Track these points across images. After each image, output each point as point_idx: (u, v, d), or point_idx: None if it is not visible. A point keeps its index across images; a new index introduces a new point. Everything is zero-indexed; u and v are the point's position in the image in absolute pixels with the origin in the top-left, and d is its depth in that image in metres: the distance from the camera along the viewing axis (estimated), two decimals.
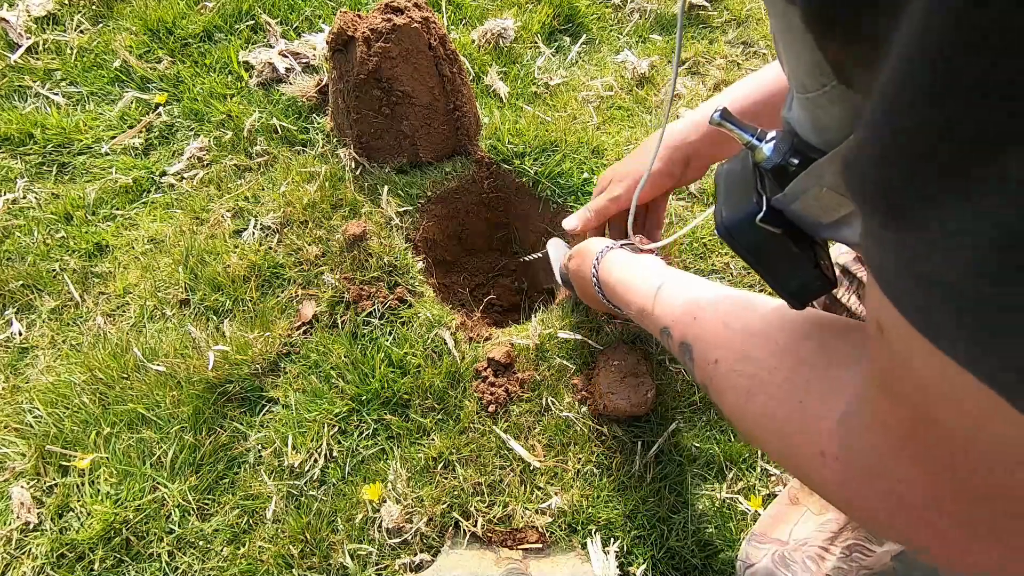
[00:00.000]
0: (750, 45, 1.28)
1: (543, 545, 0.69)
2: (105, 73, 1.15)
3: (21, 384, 0.84)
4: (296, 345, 0.82)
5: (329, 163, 0.98)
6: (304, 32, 1.18)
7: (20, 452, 0.77)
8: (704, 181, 0.97)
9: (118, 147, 1.07)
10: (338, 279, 0.85)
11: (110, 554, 0.70)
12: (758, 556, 0.65)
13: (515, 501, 0.71)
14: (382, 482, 0.72)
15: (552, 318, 0.83)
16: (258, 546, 0.70)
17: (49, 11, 1.22)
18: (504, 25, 1.15)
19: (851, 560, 0.61)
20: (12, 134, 1.08)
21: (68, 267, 0.94)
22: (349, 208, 0.92)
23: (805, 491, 0.70)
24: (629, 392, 0.73)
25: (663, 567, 0.68)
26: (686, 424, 0.76)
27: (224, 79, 1.12)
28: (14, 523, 0.72)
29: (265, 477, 0.73)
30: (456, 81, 0.94)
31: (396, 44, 0.85)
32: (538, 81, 1.12)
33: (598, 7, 1.29)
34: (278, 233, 0.91)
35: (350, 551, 0.69)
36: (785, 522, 0.67)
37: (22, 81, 1.14)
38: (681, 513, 0.70)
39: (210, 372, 0.79)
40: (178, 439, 0.76)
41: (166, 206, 1.00)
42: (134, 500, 0.73)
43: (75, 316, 0.90)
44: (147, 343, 0.84)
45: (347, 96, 0.92)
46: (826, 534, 0.64)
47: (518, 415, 0.76)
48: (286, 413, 0.77)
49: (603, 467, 0.73)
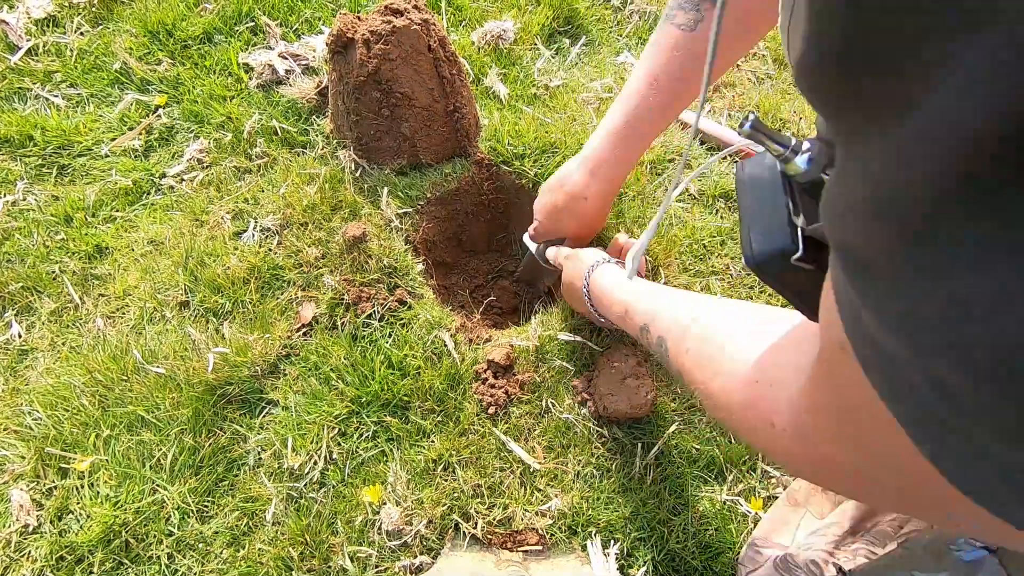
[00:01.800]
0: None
1: (543, 547, 0.69)
2: (105, 75, 1.15)
3: (21, 386, 0.84)
4: (296, 347, 0.82)
5: (329, 165, 0.98)
6: (304, 34, 1.18)
7: (20, 454, 0.77)
8: (704, 181, 0.97)
9: (118, 149, 1.07)
10: (338, 281, 0.85)
11: (109, 556, 0.70)
12: (760, 561, 0.64)
13: (515, 503, 0.71)
14: (382, 484, 0.72)
15: (552, 320, 0.83)
16: (258, 548, 0.69)
17: (49, 13, 1.22)
18: (504, 27, 1.15)
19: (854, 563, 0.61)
20: (12, 136, 1.08)
21: (68, 269, 0.94)
22: (349, 210, 0.92)
23: (805, 494, 0.70)
24: (629, 394, 0.73)
25: (663, 569, 0.68)
26: (686, 426, 0.75)
27: (224, 81, 1.12)
28: (13, 525, 0.72)
29: (265, 479, 0.73)
30: (456, 83, 0.94)
31: (396, 46, 0.86)
32: (538, 83, 1.12)
33: (598, 9, 1.29)
34: (278, 235, 0.91)
35: (350, 553, 0.69)
36: (786, 525, 0.67)
37: (22, 83, 1.14)
38: (681, 515, 0.70)
39: (210, 374, 0.79)
40: (178, 441, 0.76)
41: (166, 208, 1.00)
42: (133, 502, 0.72)
43: (75, 318, 0.90)
44: (147, 345, 0.84)
45: (347, 98, 0.92)
46: (830, 538, 0.64)
47: (518, 417, 0.76)
48: (286, 415, 0.77)
49: (603, 469, 0.73)
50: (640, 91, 0.67)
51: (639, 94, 0.67)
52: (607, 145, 0.71)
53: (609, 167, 0.72)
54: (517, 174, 0.99)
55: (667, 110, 0.68)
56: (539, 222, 0.82)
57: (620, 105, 0.69)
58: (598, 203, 0.75)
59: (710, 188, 0.97)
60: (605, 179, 0.73)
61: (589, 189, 0.73)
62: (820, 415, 0.31)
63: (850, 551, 0.62)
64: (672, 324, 0.52)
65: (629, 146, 0.70)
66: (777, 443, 0.36)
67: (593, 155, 0.72)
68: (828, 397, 0.30)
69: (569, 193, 0.75)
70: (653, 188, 0.95)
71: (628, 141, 0.70)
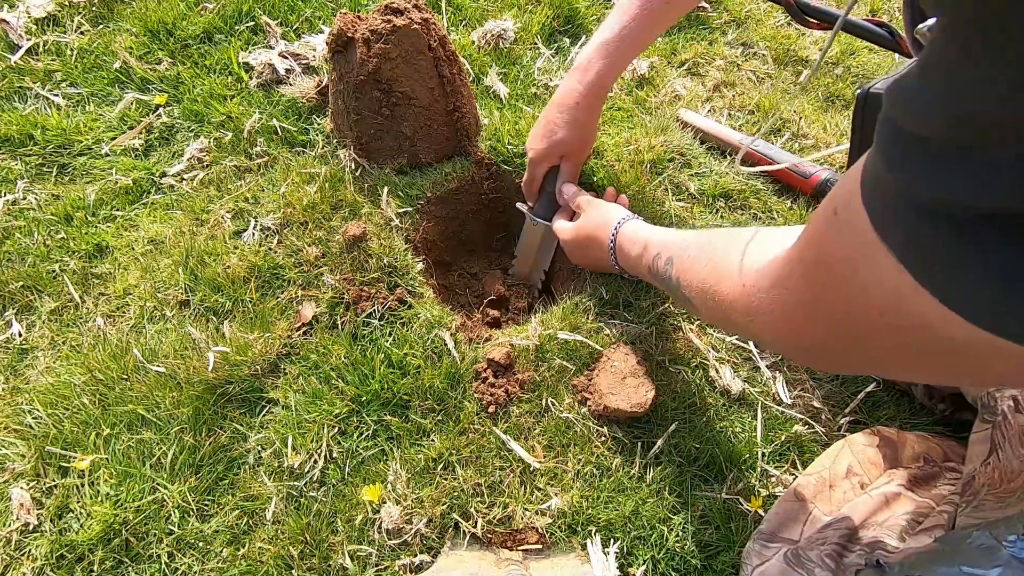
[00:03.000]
0: (749, 46, 1.28)
1: (543, 546, 0.69)
2: (105, 74, 1.15)
3: (21, 385, 0.84)
4: (296, 346, 0.82)
5: (329, 164, 0.98)
6: (304, 33, 1.18)
7: (20, 453, 0.77)
8: (704, 181, 0.98)
9: (118, 148, 1.07)
10: (338, 280, 0.85)
11: (110, 555, 0.70)
12: (767, 555, 0.64)
13: (515, 502, 0.71)
14: (382, 483, 0.72)
15: (552, 319, 0.83)
16: (258, 547, 0.70)
17: (49, 12, 1.22)
18: (504, 26, 1.16)
19: (872, 558, 0.60)
20: (12, 135, 1.08)
21: (68, 268, 0.94)
22: (349, 209, 0.92)
23: (812, 490, 0.69)
24: (629, 393, 0.73)
25: (663, 568, 0.68)
26: (686, 425, 0.75)
27: (224, 80, 1.13)
28: (13, 524, 0.72)
29: (265, 478, 0.73)
30: (456, 82, 0.94)
31: (396, 45, 0.86)
32: (538, 82, 1.12)
33: (598, 8, 1.29)
34: (278, 234, 0.92)
35: (350, 552, 0.69)
36: (794, 520, 0.66)
37: (22, 82, 1.14)
38: (681, 514, 0.70)
39: (210, 373, 0.79)
40: (178, 440, 0.76)
41: (166, 207, 1.00)
42: (134, 501, 0.73)
43: (75, 317, 0.90)
44: (147, 344, 0.84)
45: (347, 97, 0.92)
46: (842, 531, 0.63)
47: (518, 416, 0.76)
48: (286, 414, 0.77)
49: (603, 468, 0.73)
50: (632, 7, 0.78)
51: (630, 12, 0.78)
52: (599, 53, 0.79)
53: (600, 70, 0.80)
54: (517, 173, 0.99)
55: (655, 27, 0.80)
56: (532, 150, 0.87)
57: (613, 19, 0.79)
58: (590, 101, 0.81)
59: (710, 188, 0.97)
60: (596, 79, 0.80)
61: (581, 85, 0.80)
62: (800, 270, 0.38)
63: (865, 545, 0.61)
64: (679, 242, 0.62)
65: (620, 54, 0.79)
66: (765, 322, 0.44)
67: (585, 61, 0.81)
68: (808, 251, 0.37)
69: (561, 99, 0.83)
70: (653, 188, 0.95)
71: (619, 51, 0.79)
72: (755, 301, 0.44)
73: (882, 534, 0.61)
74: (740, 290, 0.46)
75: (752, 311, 0.44)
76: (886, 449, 0.70)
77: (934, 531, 0.59)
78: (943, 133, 0.23)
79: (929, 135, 0.24)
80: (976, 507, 0.57)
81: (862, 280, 0.31)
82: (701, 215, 0.94)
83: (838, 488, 0.68)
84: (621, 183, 0.95)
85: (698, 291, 0.54)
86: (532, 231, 0.94)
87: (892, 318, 0.30)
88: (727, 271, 0.49)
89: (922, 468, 0.67)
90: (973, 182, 0.23)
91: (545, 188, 0.90)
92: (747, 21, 1.32)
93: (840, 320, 0.35)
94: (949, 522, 0.59)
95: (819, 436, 0.76)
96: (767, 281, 0.43)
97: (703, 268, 0.53)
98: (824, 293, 0.36)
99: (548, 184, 0.90)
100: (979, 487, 0.57)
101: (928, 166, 0.24)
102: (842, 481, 0.69)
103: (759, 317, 0.44)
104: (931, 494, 0.64)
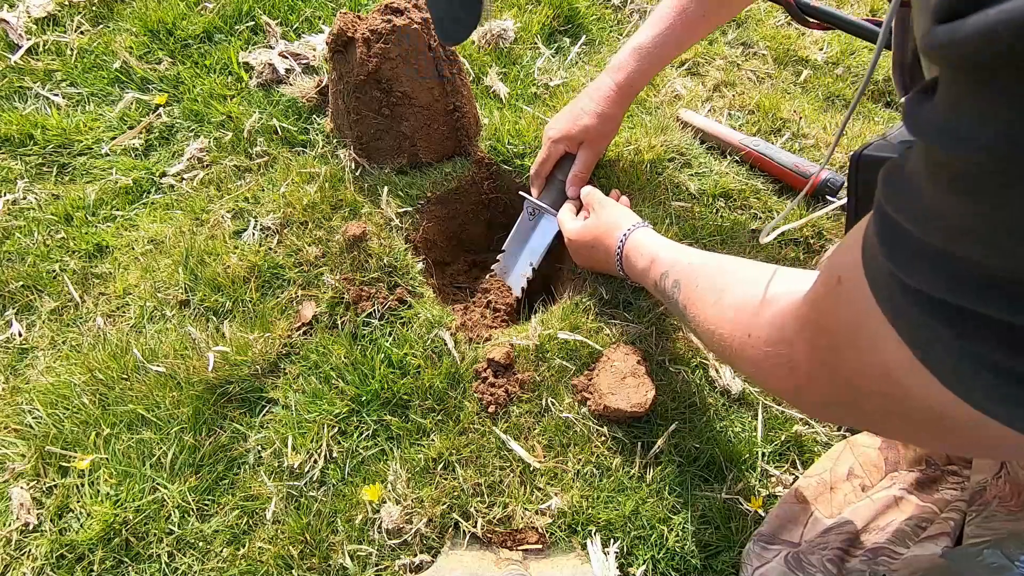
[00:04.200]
0: (749, 46, 1.28)
1: (543, 546, 0.69)
2: (105, 74, 1.15)
3: (21, 385, 0.84)
4: (296, 346, 0.82)
5: (329, 164, 0.98)
6: (304, 33, 1.18)
7: (20, 453, 0.77)
8: (704, 181, 0.98)
9: (118, 148, 1.07)
10: (338, 280, 0.85)
11: (110, 555, 0.70)
12: (767, 557, 0.63)
13: (515, 502, 0.71)
14: (382, 483, 0.72)
15: (552, 319, 0.83)
16: (258, 547, 0.70)
17: (49, 12, 1.22)
18: (504, 26, 1.16)
19: (876, 564, 0.59)
20: (12, 135, 1.08)
21: (68, 268, 0.94)
22: (349, 209, 0.92)
23: (813, 492, 0.69)
24: (629, 393, 0.73)
25: (663, 568, 0.68)
26: (686, 425, 0.75)
27: (224, 80, 1.13)
28: (13, 524, 0.72)
29: (265, 478, 0.73)
30: (456, 82, 0.94)
31: (396, 45, 0.86)
32: (538, 82, 1.12)
33: (598, 8, 1.29)
34: (278, 234, 0.92)
35: (350, 552, 0.69)
36: (795, 523, 0.66)
37: (22, 82, 1.14)
38: (681, 514, 0.70)
39: (210, 373, 0.79)
40: (178, 440, 0.76)
41: (166, 207, 1.00)
42: (134, 501, 0.73)
43: (75, 317, 0.90)
44: (147, 344, 0.84)
45: (347, 97, 0.92)
46: (844, 536, 0.62)
47: (518, 416, 0.76)
48: (286, 414, 0.77)
49: (603, 468, 0.73)
50: (669, 16, 0.81)
51: (667, 20, 0.81)
52: (633, 58, 0.83)
53: (631, 72, 0.83)
54: (517, 173, 0.99)
55: (690, 36, 0.83)
56: (555, 129, 0.89)
57: (649, 28, 0.82)
58: (619, 98, 0.85)
59: (710, 188, 0.97)
60: (627, 80, 0.84)
61: (613, 82, 0.84)
62: (804, 332, 0.39)
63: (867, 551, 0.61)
64: (687, 267, 0.62)
65: (651, 62, 0.83)
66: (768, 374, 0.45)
67: (618, 63, 0.85)
68: (813, 315, 0.38)
69: (592, 91, 0.86)
70: (653, 187, 0.95)
71: (651, 58, 0.82)
72: (759, 354, 0.45)
73: (885, 540, 0.61)
74: (745, 340, 0.47)
75: (757, 363, 0.46)
76: (888, 451, 0.70)
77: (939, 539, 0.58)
78: (924, 235, 0.25)
79: (911, 228, 0.26)
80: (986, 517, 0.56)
81: (864, 348, 0.32)
82: (701, 215, 0.94)
83: (839, 490, 0.68)
84: (621, 183, 0.95)
85: (704, 329, 0.55)
86: (527, 225, 0.94)
87: (884, 386, 0.32)
88: (733, 318, 0.49)
89: (924, 471, 0.67)
90: (950, 282, 0.24)
91: (555, 176, 0.90)
92: (747, 21, 1.32)
93: (842, 383, 0.37)
94: (955, 530, 0.59)
95: (819, 436, 0.76)
96: (774, 337, 0.43)
97: (710, 308, 0.54)
98: (827, 355, 0.37)
99: (559, 172, 0.90)
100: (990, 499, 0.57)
101: (910, 257, 0.26)
102: (843, 483, 0.68)
103: (763, 368, 0.45)
104: (934, 499, 0.63)
